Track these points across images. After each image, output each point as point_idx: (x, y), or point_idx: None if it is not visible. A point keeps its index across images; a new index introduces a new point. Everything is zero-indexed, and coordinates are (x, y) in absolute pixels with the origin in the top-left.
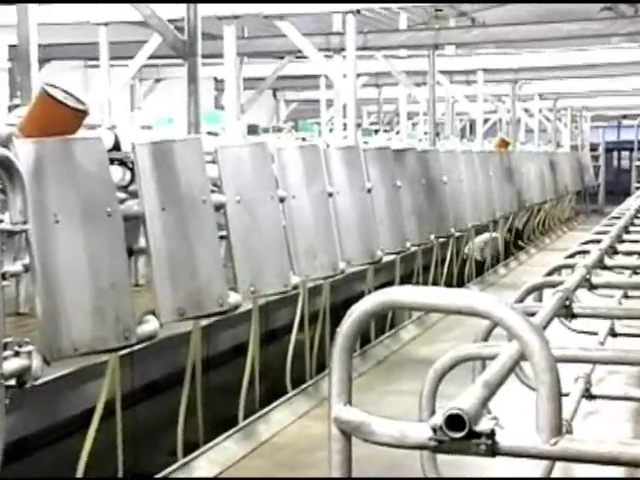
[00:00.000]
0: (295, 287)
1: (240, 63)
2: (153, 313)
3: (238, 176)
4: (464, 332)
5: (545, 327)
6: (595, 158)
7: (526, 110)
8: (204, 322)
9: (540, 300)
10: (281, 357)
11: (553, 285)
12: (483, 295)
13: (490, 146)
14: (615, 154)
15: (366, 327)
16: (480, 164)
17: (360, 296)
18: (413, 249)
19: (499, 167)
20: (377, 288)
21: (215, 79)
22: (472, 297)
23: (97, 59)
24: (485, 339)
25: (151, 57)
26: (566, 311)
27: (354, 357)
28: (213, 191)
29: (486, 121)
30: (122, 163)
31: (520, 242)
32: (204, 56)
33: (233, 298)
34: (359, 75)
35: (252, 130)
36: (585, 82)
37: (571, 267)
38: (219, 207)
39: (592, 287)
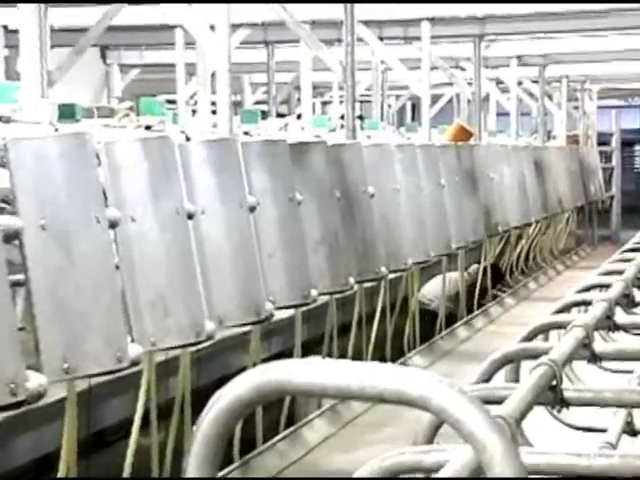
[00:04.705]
0: (135, 362)
1: (45, 5)
2: None
3: (43, 187)
4: (402, 430)
5: (519, 420)
6: (606, 156)
7: (498, 82)
8: None
9: (516, 379)
10: (114, 473)
11: (535, 355)
12: (418, 372)
13: (442, 138)
14: (638, 149)
15: (245, 422)
16: (426, 166)
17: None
18: (322, 300)
19: (456, 170)
20: (267, 361)
21: (5, 29)
22: (401, 376)
23: None
24: (429, 440)
25: None
26: (554, 396)
27: (232, 472)
28: (1, 210)
29: (436, 99)
30: None
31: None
32: None
33: (35, 381)
34: (236, 26)
35: (67, 113)
36: (588, 39)
37: (563, 327)
38: (11, 236)
39: (595, 358)
